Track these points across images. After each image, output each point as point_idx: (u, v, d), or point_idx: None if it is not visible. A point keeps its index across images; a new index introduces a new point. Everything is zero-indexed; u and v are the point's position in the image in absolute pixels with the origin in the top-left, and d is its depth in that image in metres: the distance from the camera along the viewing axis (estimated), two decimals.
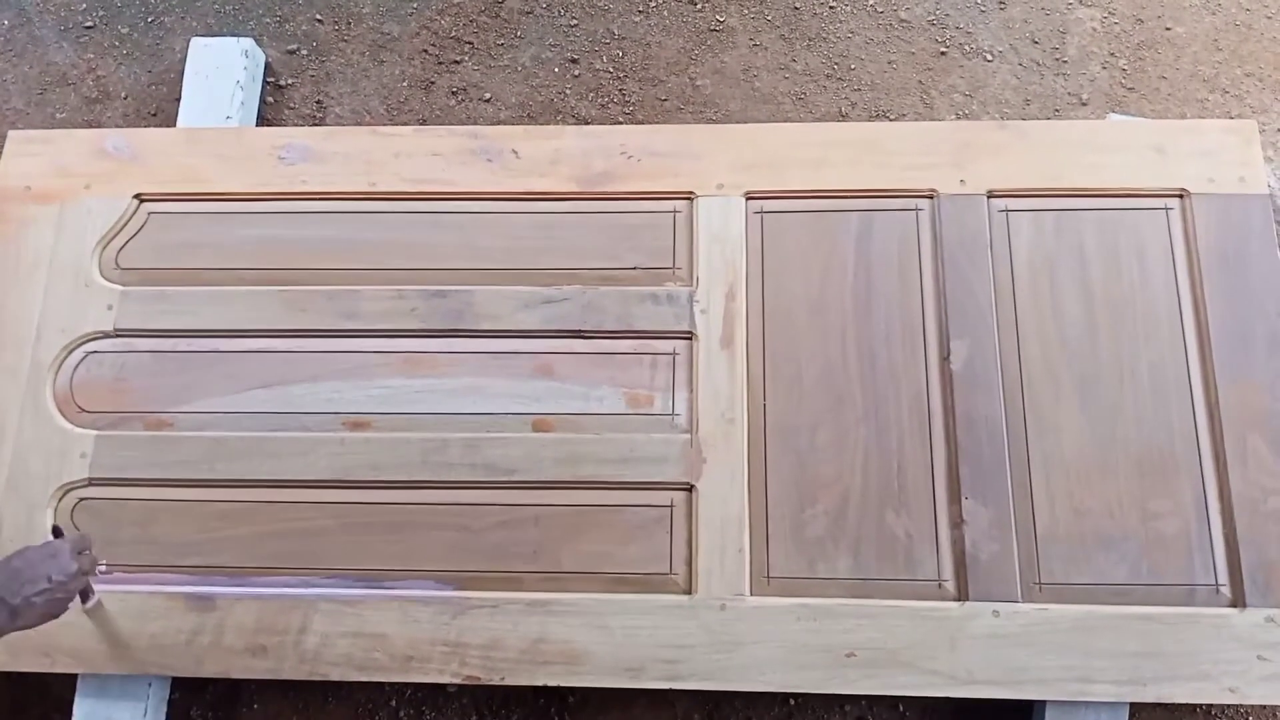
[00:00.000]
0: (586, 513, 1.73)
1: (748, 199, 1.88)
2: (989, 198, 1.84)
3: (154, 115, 2.26)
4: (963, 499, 1.68)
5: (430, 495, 1.76)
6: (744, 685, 1.63)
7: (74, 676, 1.76)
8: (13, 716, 1.86)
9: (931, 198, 1.85)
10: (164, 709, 1.81)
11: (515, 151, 1.95)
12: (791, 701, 1.80)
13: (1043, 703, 1.65)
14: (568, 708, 1.81)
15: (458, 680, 1.66)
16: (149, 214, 1.96)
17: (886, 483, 1.71)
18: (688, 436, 1.75)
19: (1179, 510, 1.67)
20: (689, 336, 1.81)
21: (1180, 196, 1.82)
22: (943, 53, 2.18)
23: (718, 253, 1.85)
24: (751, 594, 1.67)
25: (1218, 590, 1.63)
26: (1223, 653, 1.59)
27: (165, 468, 1.79)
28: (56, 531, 1.55)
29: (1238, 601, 1.62)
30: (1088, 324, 1.76)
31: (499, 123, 2.22)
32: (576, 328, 1.83)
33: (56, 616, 1.40)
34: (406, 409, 1.81)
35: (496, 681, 1.65)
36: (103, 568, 1.71)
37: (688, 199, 1.89)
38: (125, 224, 1.95)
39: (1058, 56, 2.17)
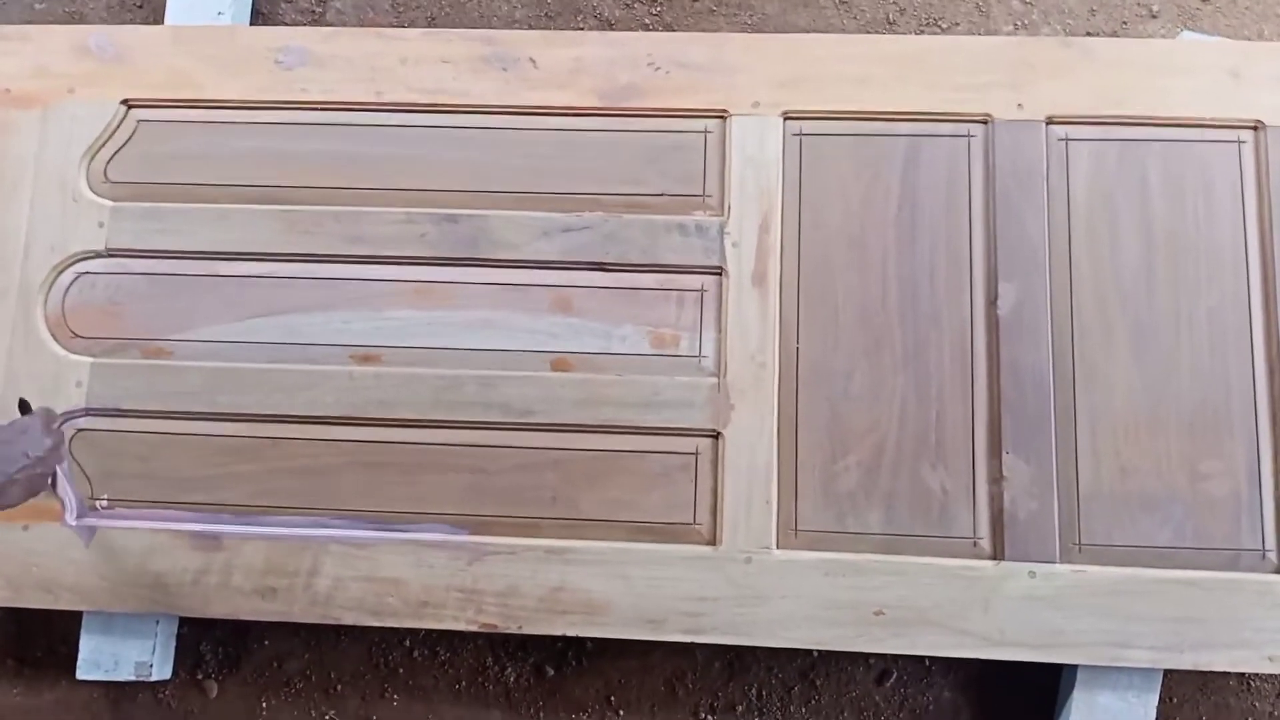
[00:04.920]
0: (607, 458, 1.66)
1: (785, 119, 1.73)
2: (1048, 124, 1.70)
3: (139, 7, 2.09)
4: (1003, 453, 1.60)
5: (444, 435, 1.68)
6: (768, 641, 1.59)
7: (78, 611, 1.71)
8: (18, 648, 1.83)
9: (985, 123, 1.71)
10: (173, 644, 1.78)
11: (532, 60, 1.79)
12: (814, 654, 1.76)
13: (1074, 667, 1.61)
14: (585, 652, 1.78)
15: (473, 628, 1.62)
16: (138, 122, 1.82)
17: (924, 434, 1.62)
18: (715, 380, 1.66)
19: (1230, 471, 1.58)
20: (719, 272, 1.69)
21: (1254, 129, 1.68)
22: None
23: (752, 179, 1.71)
24: (778, 547, 1.60)
25: (1264, 555, 1.56)
26: (1266, 621, 1.53)
27: (165, 399, 1.71)
28: (23, 406, 1.48)
29: None
30: (1146, 267, 1.65)
31: (514, 21, 2.04)
32: (598, 259, 1.71)
33: (37, 494, 1.41)
34: (417, 343, 1.71)
35: (514, 630, 1.61)
36: (104, 503, 1.66)
37: (720, 118, 1.75)
38: (113, 132, 1.81)
39: None
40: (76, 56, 1.85)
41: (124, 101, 1.82)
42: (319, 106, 1.81)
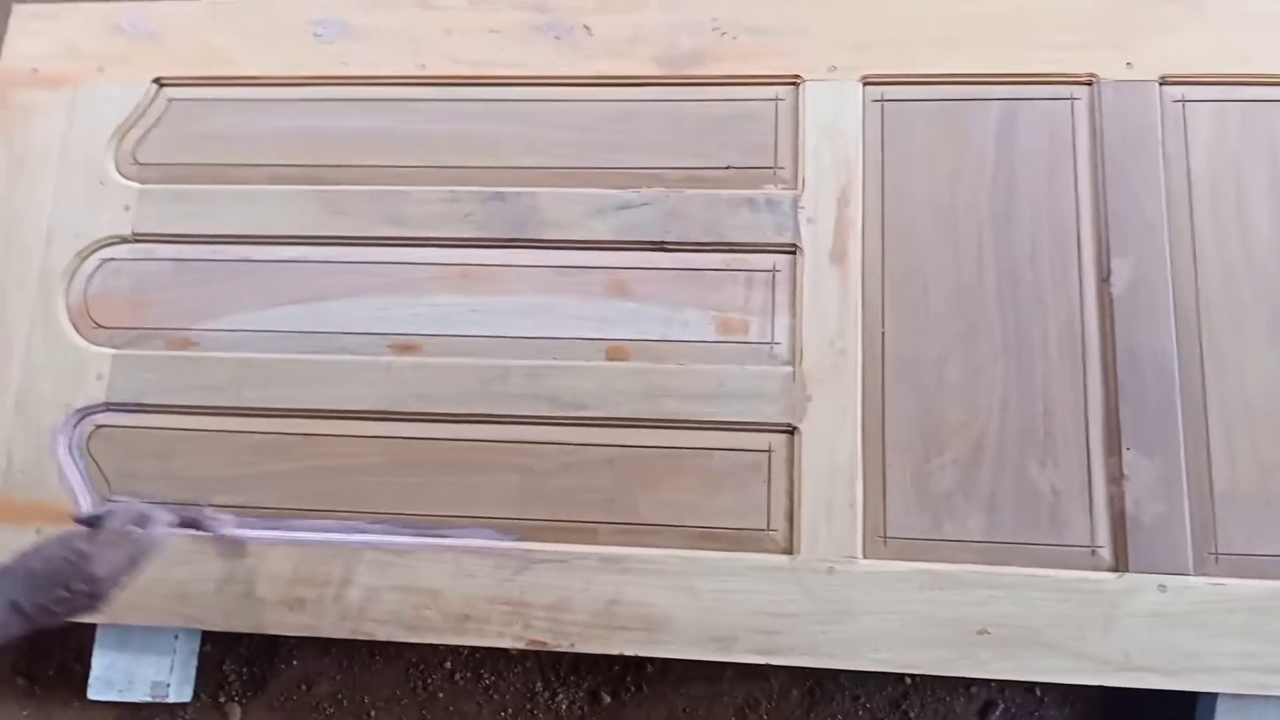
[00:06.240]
0: (668, 456, 1.49)
1: (865, 84, 1.58)
2: (1161, 85, 1.52)
3: None
4: (1123, 449, 1.40)
5: (488, 431, 1.53)
6: (853, 664, 1.39)
7: (92, 624, 1.57)
8: (30, 664, 1.69)
9: (1090, 84, 1.53)
10: (194, 662, 1.63)
11: (587, 27, 1.66)
12: (907, 680, 1.56)
13: (1213, 696, 1.39)
14: (645, 677, 1.60)
15: (520, 645, 1.44)
16: (169, 100, 1.72)
17: (1030, 428, 1.43)
18: (789, 369, 1.48)
19: None
20: (792, 250, 1.53)
21: None
22: None
23: (828, 149, 1.55)
24: (864, 556, 1.41)
25: None
26: None
27: (189, 393, 1.58)
28: (90, 522, 1.21)
29: None
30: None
31: None
32: (658, 238, 1.56)
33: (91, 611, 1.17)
34: (461, 330, 1.57)
35: (565, 648, 1.43)
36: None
37: (793, 84, 1.60)
38: (143, 112, 1.72)
39: None
40: (108, 35, 1.76)
41: (155, 80, 1.73)
42: (359, 81, 1.70)
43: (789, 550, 1.43)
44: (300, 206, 1.64)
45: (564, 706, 1.61)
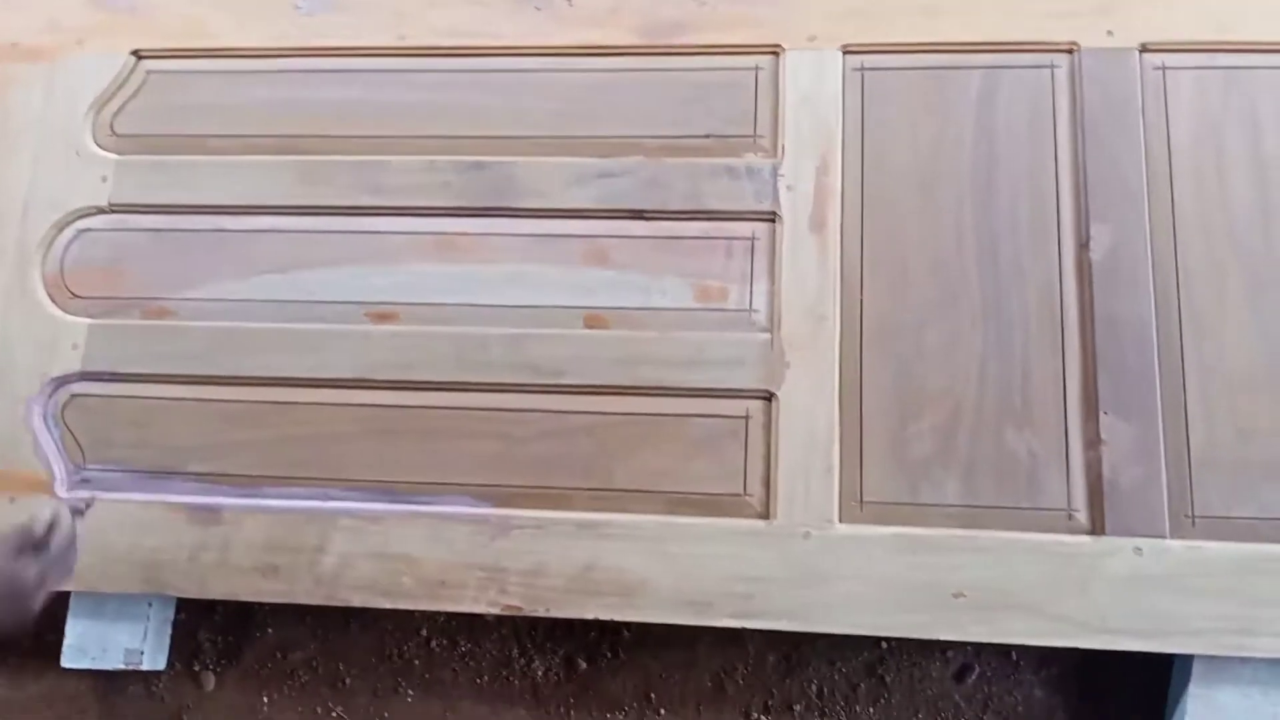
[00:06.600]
0: (646, 423, 1.49)
1: (845, 53, 1.58)
2: (1142, 52, 1.53)
3: None
4: (1100, 414, 1.40)
5: (466, 399, 1.52)
6: (829, 627, 1.39)
7: (66, 594, 1.56)
8: None
9: (1071, 52, 1.54)
10: (168, 630, 1.62)
11: None
12: (884, 645, 1.56)
13: (1188, 657, 1.39)
14: (622, 643, 1.59)
15: (495, 610, 1.44)
16: (148, 73, 1.72)
17: (1007, 394, 1.43)
18: (768, 336, 1.48)
19: None
20: (771, 218, 1.53)
21: None
22: None
23: (808, 118, 1.55)
24: (841, 521, 1.41)
25: None
26: None
27: (164, 361, 1.58)
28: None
29: None
30: (1261, 207, 1.45)
31: None
32: (637, 207, 1.56)
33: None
34: (439, 299, 1.56)
35: (540, 613, 1.43)
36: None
37: (773, 54, 1.60)
38: (122, 84, 1.72)
39: None
40: (88, 8, 1.77)
41: (134, 52, 1.72)
42: (339, 53, 1.70)
43: (766, 515, 1.43)
44: (278, 177, 1.64)
45: (540, 673, 1.61)
